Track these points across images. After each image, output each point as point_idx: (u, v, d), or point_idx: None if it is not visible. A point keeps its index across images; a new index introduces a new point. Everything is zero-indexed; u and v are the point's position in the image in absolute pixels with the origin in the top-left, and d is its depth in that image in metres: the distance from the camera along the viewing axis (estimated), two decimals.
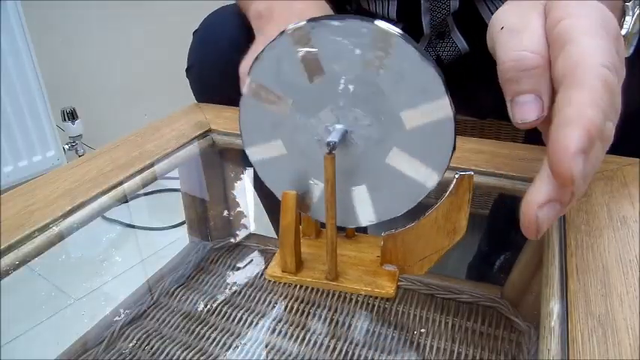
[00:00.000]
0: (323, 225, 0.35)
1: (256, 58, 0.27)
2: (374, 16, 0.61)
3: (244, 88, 0.28)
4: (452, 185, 0.28)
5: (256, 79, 0.28)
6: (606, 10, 0.24)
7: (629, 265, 0.29)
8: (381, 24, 0.25)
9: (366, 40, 0.25)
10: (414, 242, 0.31)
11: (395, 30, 0.25)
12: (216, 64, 0.30)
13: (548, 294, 0.29)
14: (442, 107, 0.26)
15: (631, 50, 0.32)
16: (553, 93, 0.23)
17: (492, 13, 0.56)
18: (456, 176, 0.28)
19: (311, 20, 0.26)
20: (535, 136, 0.35)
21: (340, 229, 0.32)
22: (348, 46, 0.26)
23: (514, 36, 0.25)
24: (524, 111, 0.24)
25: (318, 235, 0.35)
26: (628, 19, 0.30)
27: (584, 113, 0.20)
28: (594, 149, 0.21)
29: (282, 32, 0.26)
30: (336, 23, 0.25)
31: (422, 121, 0.27)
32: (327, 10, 0.36)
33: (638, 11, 0.31)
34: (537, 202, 0.21)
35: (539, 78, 0.24)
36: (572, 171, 0.20)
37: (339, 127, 0.28)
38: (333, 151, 0.27)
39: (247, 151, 0.31)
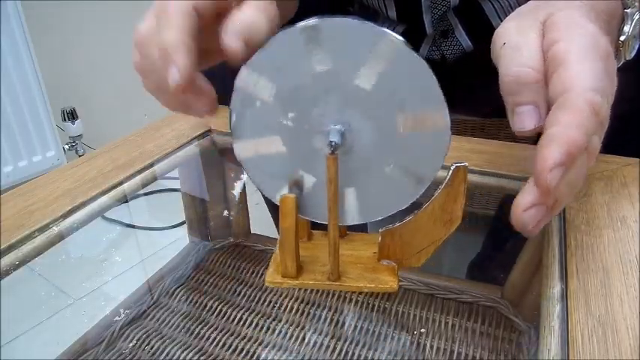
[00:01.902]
0: (313, 227, 0.35)
1: (260, 48, 0.27)
2: (376, 15, 0.61)
3: (240, 76, 0.28)
4: (447, 176, 0.29)
5: (255, 70, 0.28)
6: (597, 34, 0.27)
7: (629, 265, 0.29)
8: (391, 34, 0.25)
9: (368, 42, 0.25)
10: (412, 235, 0.31)
11: (396, 36, 0.25)
12: (225, 67, 0.30)
13: (548, 294, 0.29)
14: (440, 116, 0.26)
15: (633, 53, 0.34)
16: (549, 108, 0.26)
17: (496, 10, 0.56)
18: (452, 167, 0.28)
19: (324, 18, 0.26)
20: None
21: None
22: (350, 46, 0.26)
23: (515, 52, 0.27)
24: (523, 120, 0.27)
25: (310, 237, 0.35)
26: (626, 27, 0.33)
27: (567, 133, 0.23)
28: (578, 162, 0.24)
29: (293, 26, 0.26)
30: (339, 22, 0.25)
31: (417, 128, 0.27)
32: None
33: (637, 17, 0.32)
34: (523, 206, 0.25)
35: (537, 91, 0.26)
36: (549, 182, 0.23)
37: (336, 127, 0.28)
38: (336, 152, 0.27)
39: (236, 146, 0.30)
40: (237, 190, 0.59)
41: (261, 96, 0.28)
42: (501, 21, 0.30)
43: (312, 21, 0.25)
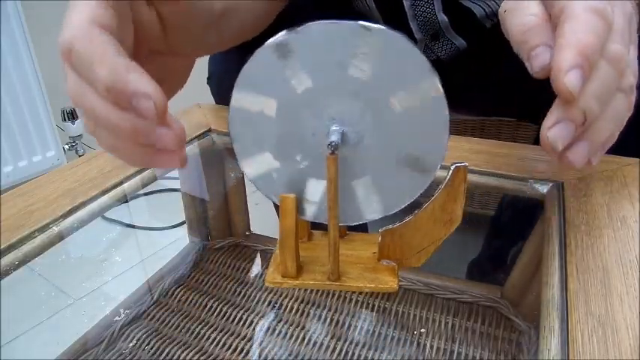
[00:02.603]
0: (313, 227, 0.35)
1: (240, 72, 0.27)
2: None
3: (232, 100, 0.29)
4: (447, 176, 0.29)
5: (242, 93, 0.28)
6: None
7: (629, 265, 0.29)
8: (361, 21, 0.25)
9: (349, 39, 0.26)
10: (412, 235, 0.31)
11: (376, 25, 0.25)
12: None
13: (548, 294, 0.29)
14: (430, 85, 0.26)
15: None
16: None
17: (484, 9, 0.56)
18: (452, 167, 0.28)
19: (290, 30, 0.26)
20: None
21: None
22: (332, 47, 0.26)
23: (516, 11, 0.28)
24: (540, 60, 0.26)
25: (310, 237, 0.35)
26: None
27: (574, 37, 0.23)
28: (602, 71, 0.24)
29: (263, 44, 0.26)
30: (316, 27, 0.26)
31: (413, 103, 0.27)
32: None
33: None
34: (548, 124, 0.25)
35: (545, 33, 0.26)
36: (567, 85, 0.23)
37: (335, 128, 0.28)
38: (336, 152, 0.27)
39: (243, 166, 0.31)
40: (237, 190, 0.59)
41: (257, 113, 0.29)
42: (492, 21, 0.31)
43: (373, 24, 0.25)
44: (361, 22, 0.25)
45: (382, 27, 0.25)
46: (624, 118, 0.28)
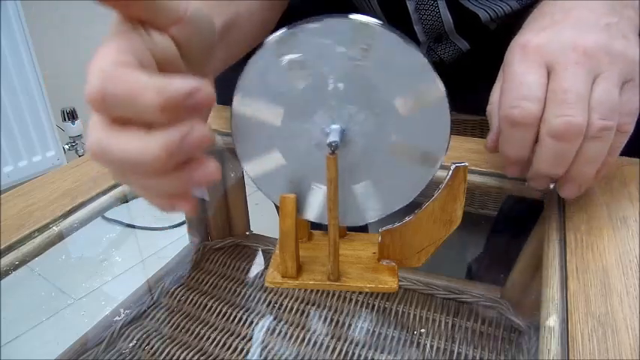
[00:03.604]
0: (313, 227, 0.35)
1: (241, 73, 0.27)
2: None
3: (234, 103, 0.29)
4: (447, 176, 0.29)
5: (244, 94, 0.28)
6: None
7: (629, 265, 0.29)
8: (358, 17, 0.25)
9: (347, 36, 0.25)
10: (412, 235, 0.31)
11: (373, 21, 0.25)
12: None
13: (548, 294, 0.29)
14: (433, 87, 0.26)
15: None
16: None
17: (490, 17, 0.56)
18: (452, 167, 0.28)
19: (290, 27, 0.26)
20: None
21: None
22: (330, 45, 0.26)
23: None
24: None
25: (310, 237, 0.35)
26: None
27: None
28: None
29: (263, 43, 0.26)
30: (314, 25, 0.25)
31: (416, 105, 0.27)
32: None
33: None
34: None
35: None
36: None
37: (335, 127, 0.28)
38: (336, 152, 0.27)
39: (245, 167, 0.31)
40: (237, 190, 0.59)
41: (258, 115, 0.29)
42: (496, 24, 0.31)
43: (372, 20, 0.25)
44: (359, 18, 0.25)
45: (380, 23, 0.25)
46: (601, 158, 0.31)
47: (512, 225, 0.72)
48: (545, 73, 0.30)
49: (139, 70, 0.22)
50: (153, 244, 1.04)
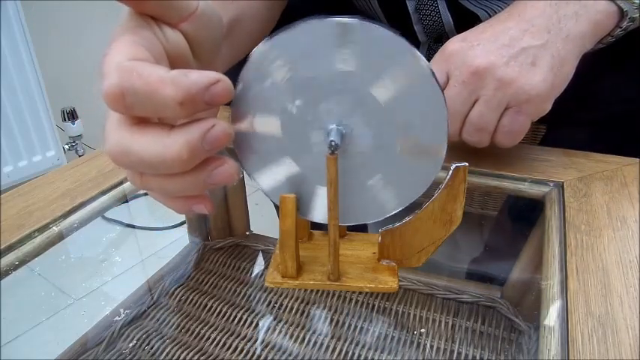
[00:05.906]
0: (313, 227, 0.35)
1: (287, 29, 0.27)
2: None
3: (259, 49, 0.28)
4: (447, 176, 0.29)
5: (276, 48, 0.28)
6: None
7: (629, 265, 0.29)
8: (421, 57, 0.26)
9: (401, 62, 0.26)
10: (412, 235, 0.31)
11: (427, 64, 0.26)
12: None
13: (548, 294, 0.29)
14: (439, 148, 0.27)
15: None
16: None
17: (488, 13, 0.56)
18: (452, 167, 0.28)
19: (269, 38, 0.26)
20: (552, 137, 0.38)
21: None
22: (314, 49, 0.26)
23: None
24: None
25: (310, 237, 0.35)
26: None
27: None
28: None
29: (328, 18, 0.26)
30: (293, 32, 0.26)
31: (414, 154, 0.27)
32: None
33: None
34: None
35: None
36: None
37: (333, 126, 0.28)
38: (336, 152, 0.27)
39: (256, 179, 0.31)
40: (237, 190, 0.59)
41: (274, 75, 0.28)
42: None
43: (349, 19, 0.25)
44: (336, 19, 0.25)
45: (356, 20, 0.25)
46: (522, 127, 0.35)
47: (512, 225, 0.72)
48: (446, 80, 0.36)
49: (152, 64, 0.22)
50: (153, 244, 1.04)
